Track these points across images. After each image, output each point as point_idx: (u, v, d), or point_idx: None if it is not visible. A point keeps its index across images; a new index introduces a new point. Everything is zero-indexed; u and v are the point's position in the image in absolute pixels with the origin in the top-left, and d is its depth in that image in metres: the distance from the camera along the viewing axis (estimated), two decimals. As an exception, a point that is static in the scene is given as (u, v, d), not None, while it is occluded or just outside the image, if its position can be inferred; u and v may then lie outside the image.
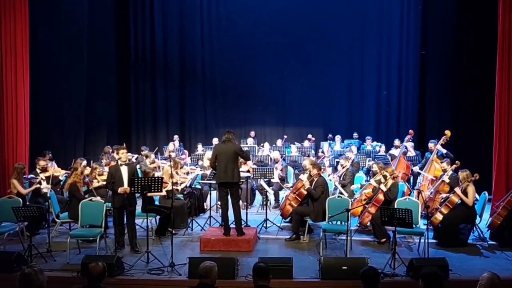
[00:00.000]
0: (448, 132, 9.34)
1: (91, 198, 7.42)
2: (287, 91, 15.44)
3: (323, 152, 12.38)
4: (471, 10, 11.45)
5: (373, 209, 7.67)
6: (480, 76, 10.81)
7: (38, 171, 8.73)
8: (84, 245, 7.33)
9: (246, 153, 7.74)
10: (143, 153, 11.60)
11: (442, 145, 9.44)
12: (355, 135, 13.99)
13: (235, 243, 7.24)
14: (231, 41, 15.26)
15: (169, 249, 6.62)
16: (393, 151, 11.21)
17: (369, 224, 7.86)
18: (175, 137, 14.00)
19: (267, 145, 13.18)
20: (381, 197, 7.65)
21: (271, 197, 10.01)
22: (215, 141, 12.51)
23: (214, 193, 9.26)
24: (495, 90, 9.08)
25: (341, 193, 8.49)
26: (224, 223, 7.44)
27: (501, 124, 8.93)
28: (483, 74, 10.44)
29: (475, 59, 11.23)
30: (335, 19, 14.90)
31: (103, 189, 8.40)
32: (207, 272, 4.19)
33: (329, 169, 10.49)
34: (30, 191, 8.24)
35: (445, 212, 7.39)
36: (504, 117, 8.90)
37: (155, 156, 11.82)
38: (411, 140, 10.83)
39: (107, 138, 13.72)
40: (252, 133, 14.71)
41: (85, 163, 8.79)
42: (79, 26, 12.29)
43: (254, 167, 9.96)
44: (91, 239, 7.15)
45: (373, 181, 8.10)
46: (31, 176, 8.71)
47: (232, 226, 7.45)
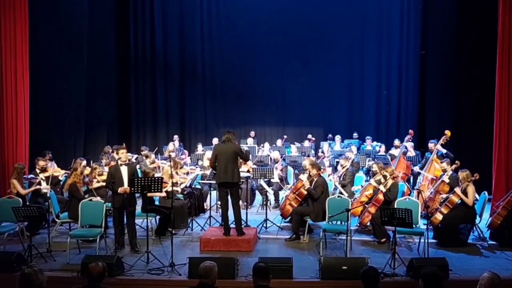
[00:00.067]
0: (448, 132, 9.34)
1: (91, 198, 7.42)
2: (287, 91, 15.44)
3: (323, 152, 12.37)
4: (471, 10, 11.45)
5: (373, 209, 7.67)
6: (480, 76, 10.82)
7: (37, 171, 8.73)
8: (84, 245, 7.32)
9: (246, 153, 7.73)
10: (143, 153, 11.60)
11: (442, 145, 9.43)
12: (355, 135, 13.98)
13: (235, 243, 7.24)
14: (231, 41, 15.25)
15: (169, 249, 6.61)
16: (393, 151, 11.19)
17: (369, 224, 7.86)
18: (175, 137, 14.00)
19: (267, 145, 13.17)
20: (381, 197, 7.65)
21: (271, 197, 10.01)
22: (215, 141, 12.50)
23: (214, 193, 9.25)
24: (495, 90, 9.09)
25: (341, 193, 8.49)
26: (224, 223, 7.44)
27: (501, 124, 8.93)
28: (483, 74, 10.45)
29: (475, 59, 11.23)
30: (335, 19, 14.90)
31: (103, 189, 8.40)
32: (207, 272, 4.18)
33: (329, 169, 10.48)
34: (29, 192, 8.23)
35: (445, 212, 7.39)
36: (504, 117, 8.90)
37: (155, 156, 11.82)
38: (411, 140, 10.82)
39: (107, 138, 13.71)
40: (252, 133, 14.71)
41: (84, 163, 8.79)
42: (79, 26, 12.29)
43: (254, 167, 9.96)
44: (91, 239, 7.15)
45: (373, 181, 8.10)
46: (31, 176, 8.71)
47: (232, 226, 7.44)
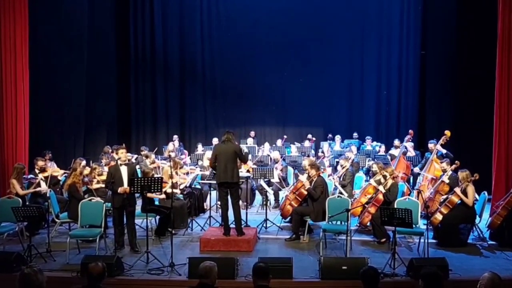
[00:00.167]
0: (448, 132, 9.33)
1: (90, 198, 7.42)
2: (287, 91, 15.44)
3: (323, 152, 12.36)
4: (471, 10, 11.45)
5: (373, 209, 7.67)
6: (480, 76, 10.82)
7: (36, 171, 8.73)
8: (83, 245, 7.32)
9: (245, 154, 7.73)
10: (143, 153, 11.59)
11: (442, 145, 9.43)
12: (355, 135, 13.98)
13: (235, 243, 7.24)
14: (231, 41, 15.25)
15: (169, 249, 6.61)
16: (393, 151, 11.19)
17: (369, 224, 7.86)
18: (175, 137, 13.99)
19: (267, 145, 13.16)
20: (381, 197, 7.64)
21: (271, 197, 10.01)
22: (215, 141, 12.50)
23: (214, 193, 9.26)
24: (495, 90, 9.08)
25: (341, 193, 8.48)
26: (224, 223, 7.44)
27: (501, 124, 8.92)
28: (483, 74, 10.44)
29: (475, 59, 11.23)
30: (335, 19, 14.90)
31: (103, 189, 8.39)
32: (207, 272, 4.18)
33: (329, 169, 10.47)
34: (28, 193, 8.22)
35: (445, 212, 7.39)
36: (504, 117, 8.89)
37: (155, 156, 11.81)
38: (411, 140, 10.82)
39: (107, 138, 13.71)
40: (252, 133, 14.71)
41: (84, 163, 8.77)
42: (79, 26, 12.29)
43: (254, 167, 9.96)
44: (90, 239, 7.15)
45: (372, 181, 8.09)
46: (31, 176, 8.71)
47: (232, 226, 7.44)
